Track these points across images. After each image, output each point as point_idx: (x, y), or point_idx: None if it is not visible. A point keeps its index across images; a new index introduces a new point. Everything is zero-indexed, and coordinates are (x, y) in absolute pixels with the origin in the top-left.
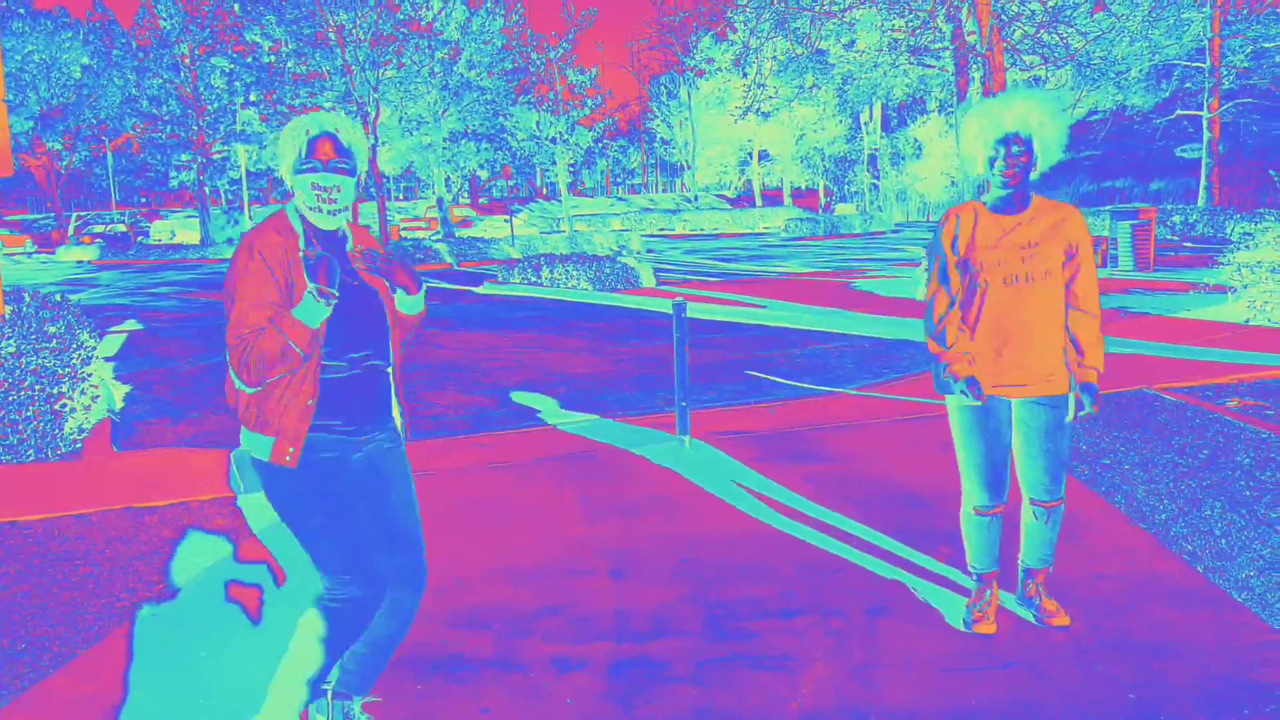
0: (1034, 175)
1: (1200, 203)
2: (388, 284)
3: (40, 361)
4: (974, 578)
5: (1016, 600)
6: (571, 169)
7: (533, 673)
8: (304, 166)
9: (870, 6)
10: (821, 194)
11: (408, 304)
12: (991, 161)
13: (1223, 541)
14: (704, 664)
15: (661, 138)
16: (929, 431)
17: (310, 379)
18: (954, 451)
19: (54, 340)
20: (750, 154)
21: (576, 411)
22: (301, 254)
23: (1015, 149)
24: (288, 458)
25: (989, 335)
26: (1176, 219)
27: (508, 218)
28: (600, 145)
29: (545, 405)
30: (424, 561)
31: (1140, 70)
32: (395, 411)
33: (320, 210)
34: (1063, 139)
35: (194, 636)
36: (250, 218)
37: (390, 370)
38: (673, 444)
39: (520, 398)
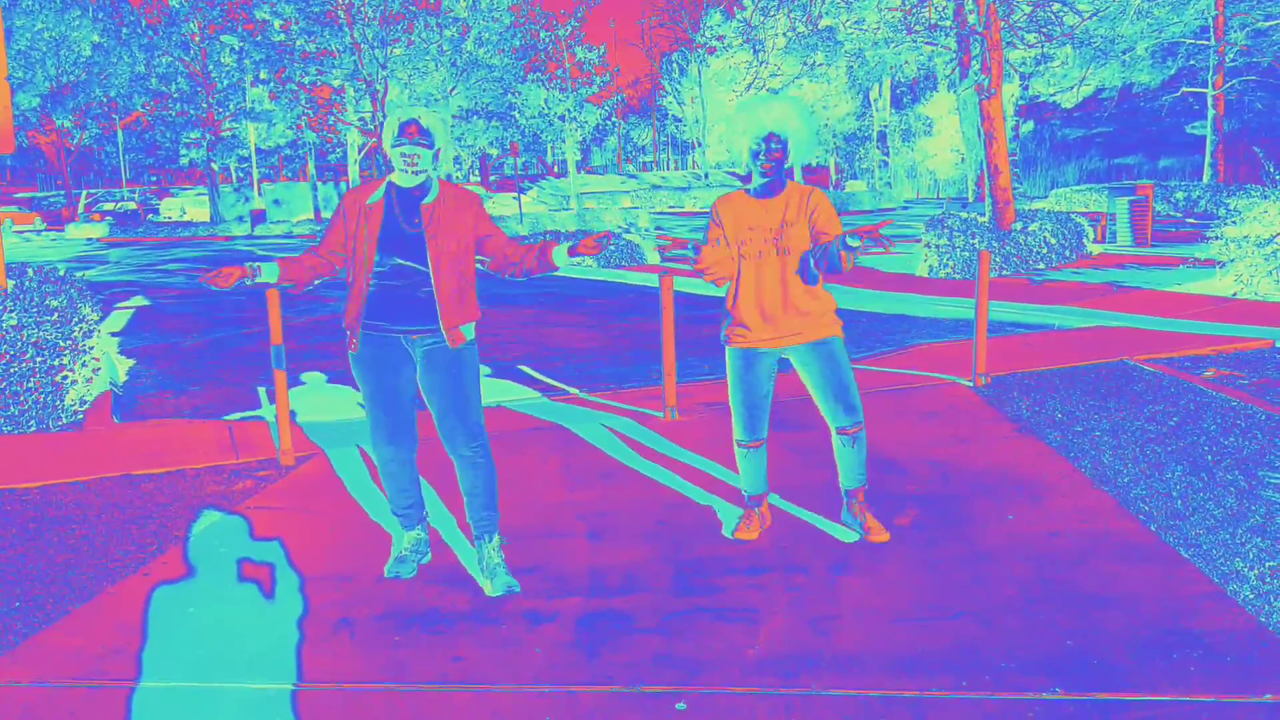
0: (791, 165)
1: (1205, 179)
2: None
3: (41, 334)
4: (746, 500)
5: (844, 521)
6: (581, 146)
7: (505, 625)
8: (396, 143)
9: None
10: (832, 171)
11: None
12: (755, 154)
13: (1179, 503)
14: (669, 617)
15: (673, 115)
16: (913, 402)
17: (359, 290)
18: (929, 420)
19: (55, 314)
20: None
21: (570, 384)
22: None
23: (774, 145)
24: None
25: (752, 301)
26: (1180, 195)
27: (516, 195)
28: (610, 122)
29: (539, 379)
30: (463, 426)
31: (1145, 48)
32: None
33: (406, 171)
34: (812, 139)
35: (184, 593)
36: (260, 194)
37: (431, 290)
38: (659, 415)
39: (516, 372)
